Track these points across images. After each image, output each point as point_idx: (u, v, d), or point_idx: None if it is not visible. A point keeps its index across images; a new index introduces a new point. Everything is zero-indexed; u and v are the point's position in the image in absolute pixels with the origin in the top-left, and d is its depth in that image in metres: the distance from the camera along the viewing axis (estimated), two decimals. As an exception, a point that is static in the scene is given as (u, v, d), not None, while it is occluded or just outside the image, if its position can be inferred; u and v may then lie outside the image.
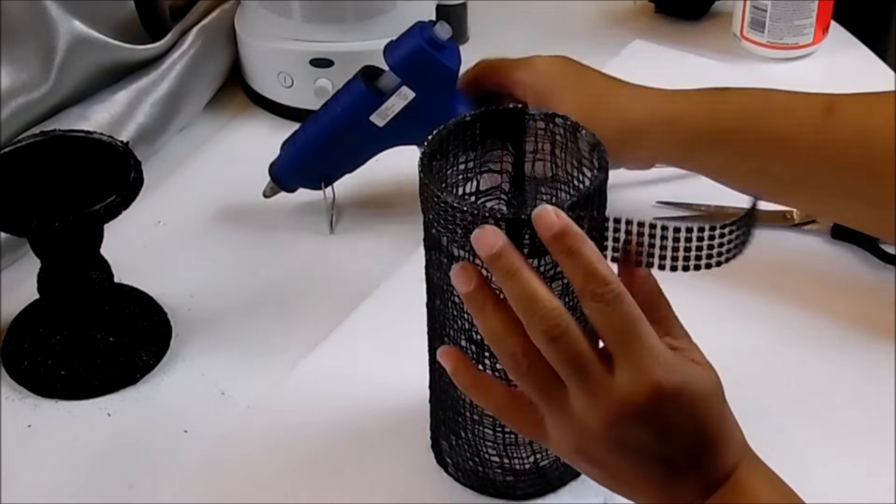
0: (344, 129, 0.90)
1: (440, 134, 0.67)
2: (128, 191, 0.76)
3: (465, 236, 0.61)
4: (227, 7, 1.08)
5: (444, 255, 0.65)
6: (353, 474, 0.74)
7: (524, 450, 0.70)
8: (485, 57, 0.92)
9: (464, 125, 0.68)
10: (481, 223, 0.60)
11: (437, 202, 0.62)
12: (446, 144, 0.67)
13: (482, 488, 0.73)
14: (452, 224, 0.61)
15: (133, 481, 0.74)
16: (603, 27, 1.06)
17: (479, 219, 0.60)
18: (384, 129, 0.89)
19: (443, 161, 0.67)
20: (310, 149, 0.91)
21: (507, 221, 0.60)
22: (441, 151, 0.67)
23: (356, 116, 0.89)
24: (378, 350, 0.83)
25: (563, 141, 0.68)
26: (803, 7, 1.10)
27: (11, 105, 0.92)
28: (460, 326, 0.66)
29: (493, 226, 0.59)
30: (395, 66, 0.88)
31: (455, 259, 0.64)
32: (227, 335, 0.85)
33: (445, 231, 0.62)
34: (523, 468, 0.71)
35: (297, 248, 0.92)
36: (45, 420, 0.78)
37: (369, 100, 0.89)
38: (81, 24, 0.96)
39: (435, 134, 0.66)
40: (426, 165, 0.64)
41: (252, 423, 0.78)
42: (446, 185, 0.69)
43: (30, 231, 0.76)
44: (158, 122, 1.00)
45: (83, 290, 0.80)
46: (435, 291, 0.68)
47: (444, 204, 0.61)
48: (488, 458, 0.71)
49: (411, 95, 0.88)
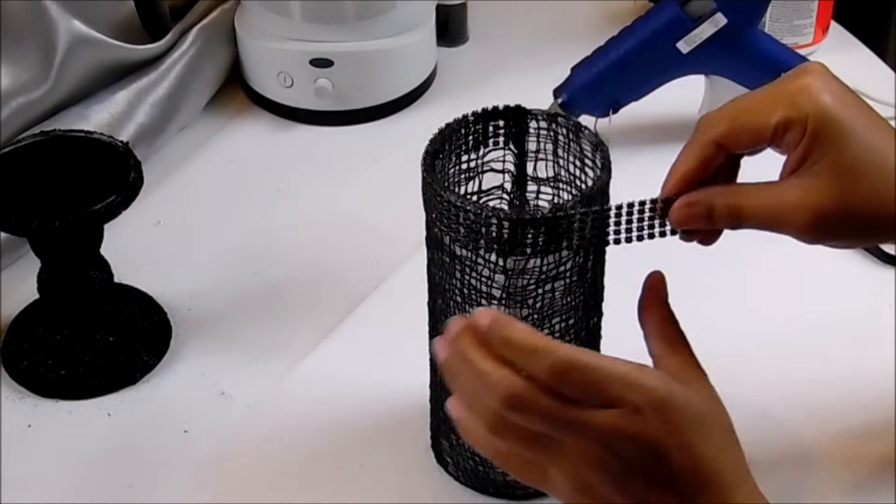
0: (646, 53, 0.91)
1: (442, 132, 0.67)
2: (128, 191, 0.76)
3: (468, 235, 0.61)
4: (227, 7, 1.08)
5: (447, 255, 0.65)
6: (353, 474, 0.74)
7: None
8: (485, 58, 0.91)
9: (466, 124, 0.68)
10: (484, 222, 0.60)
11: (440, 201, 0.62)
12: (448, 143, 0.67)
13: (482, 488, 0.73)
14: (455, 223, 0.61)
15: (133, 481, 0.74)
16: (603, 27, 1.06)
17: (481, 218, 0.60)
18: (686, 57, 0.91)
19: (445, 160, 0.67)
20: (609, 71, 0.93)
21: (510, 221, 0.60)
22: (443, 150, 0.67)
23: (664, 41, 0.91)
24: (378, 350, 0.83)
25: (566, 141, 0.68)
26: (803, 7, 1.09)
27: (11, 105, 0.92)
28: None
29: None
30: None
31: (457, 258, 0.64)
32: (227, 335, 0.85)
33: (448, 230, 0.62)
34: None
35: (297, 248, 0.92)
36: (45, 420, 0.78)
37: (682, 24, 0.90)
38: (81, 23, 0.96)
39: (437, 133, 0.66)
40: (429, 164, 0.64)
41: (252, 423, 0.78)
42: (448, 183, 0.69)
43: (30, 231, 0.76)
44: (158, 122, 1.00)
45: (83, 290, 0.80)
46: (436, 291, 0.68)
47: (447, 203, 0.61)
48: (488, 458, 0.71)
49: (723, 22, 0.89)
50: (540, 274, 0.63)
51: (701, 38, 0.90)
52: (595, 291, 0.67)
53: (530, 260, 0.62)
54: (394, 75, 1.05)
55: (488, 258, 0.63)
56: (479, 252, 0.63)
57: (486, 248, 0.62)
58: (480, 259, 0.63)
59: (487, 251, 0.62)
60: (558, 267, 0.63)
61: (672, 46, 0.91)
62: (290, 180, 0.99)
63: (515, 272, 0.63)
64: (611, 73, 0.93)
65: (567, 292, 0.64)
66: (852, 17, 1.17)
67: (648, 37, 0.92)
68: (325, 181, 0.99)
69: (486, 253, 0.62)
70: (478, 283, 0.64)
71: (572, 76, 0.96)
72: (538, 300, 0.64)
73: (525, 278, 0.63)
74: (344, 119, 1.05)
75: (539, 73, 1.02)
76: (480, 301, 0.65)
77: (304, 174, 1.00)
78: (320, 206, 0.96)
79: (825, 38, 1.12)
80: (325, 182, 0.99)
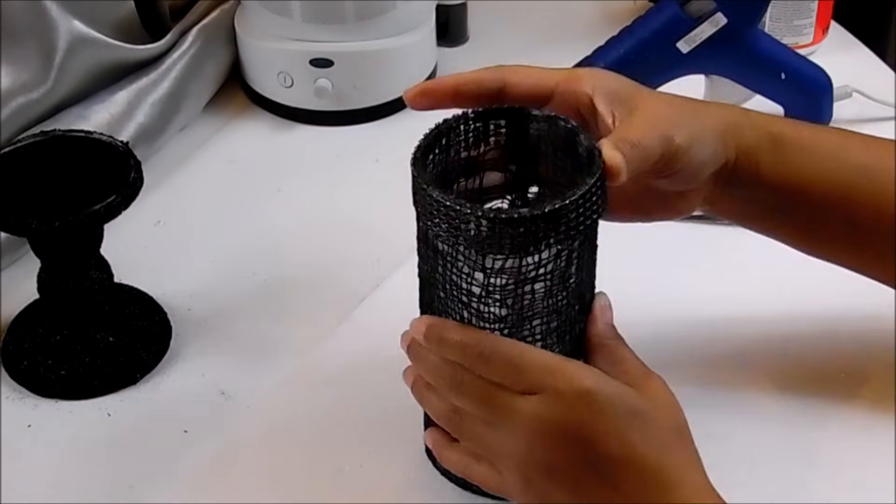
0: (646, 52, 0.91)
1: (438, 128, 0.67)
2: (128, 191, 0.76)
3: (448, 231, 0.61)
4: (227, 7, 1.08)
5: (431, 249, 0.65)
6: (353, 474, 0.74)
7: None
8: (485, 58, 0.91)
9: (466, 120, 0.67)
10: (462, 218, 0.60)
11: (424, 195, 0.62)
12: (446, 139, 0.67)
13: (477, 488, 0.73)
14: (437, 218, 0.62)
15: (133, 481, 0.74)
16: (603, 27, 1.06)
17: (460, 214, 0.61)
18: (685, 57, 0.91)
19: (443, 155, 0.67)
20: (609, 69, 0.93)
21: (488, 219, 0.60)
22: (439, 145, 0.67)
23: (664, 41, 0.91)
24: (378, 349, 0.82)
25: (565, 144, 0.68)
26: (803, 7, 1.09)
27: (11, 105, 0.92)
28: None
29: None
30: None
31: (439, 253, 0.64)
32: (227, 335, 0.85)
33: (431, 225, 0.63)
34: None
35: (297, 248, 0.92)
36: (45, 420, 0.78)
37: (681, 24, 0.90)
38: (81, 23, 0.96)
39: (432, 129, 0.66)
40: (418, 158, 0.65)
41: (251, 422, 0.78)
42: (446, 180, 0.69)
43: (30, 231, 0.76)
44: (158, 122, 1.00)
45: (83, 290, 0.80)
46: (424, 285, 0.68)
47: (429, 198, 0.62)
48: None
49: (723, 22, 0.89)
50: (519, 274, 0.63)
51: (701, 37, 0.91)
52: (581, 296, 0.67)
53: (509, 259, 0.62)
54: (394, 75, 1.05)
55: (468, 255, 0.63)
56: (458, 248, 0.63)
57: (466, 244, 0.62)
58: (461, 256, 0.63)
59: (467, 248, 0.62)
60: (538, 269, 0.63)
61: (672, 46, 0.91)
62: (290, 180, 0.99)
63: (494, 271, 0.63)
64: (613, 69, 0.93)
65: (548, 295, 0.64)
66: (852, 17, 1.17)
67: (648, 37, 0.92)
68: (325, 181, 0.99)
69: (466, 250, 0.63)
70: (458, 280, 0.64)
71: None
72: (517, 300, 0.64)
73: (504, 277, 0.63)
74: (344, 119, 1.05)
75: (539, 73, 1.02)
76: (461, 297, 0.65)
77: (304, 174, 1.00)
78: (320, 206, 0.96)
79: (825, 38, 1.12)
80: (325, 182, 0.99)
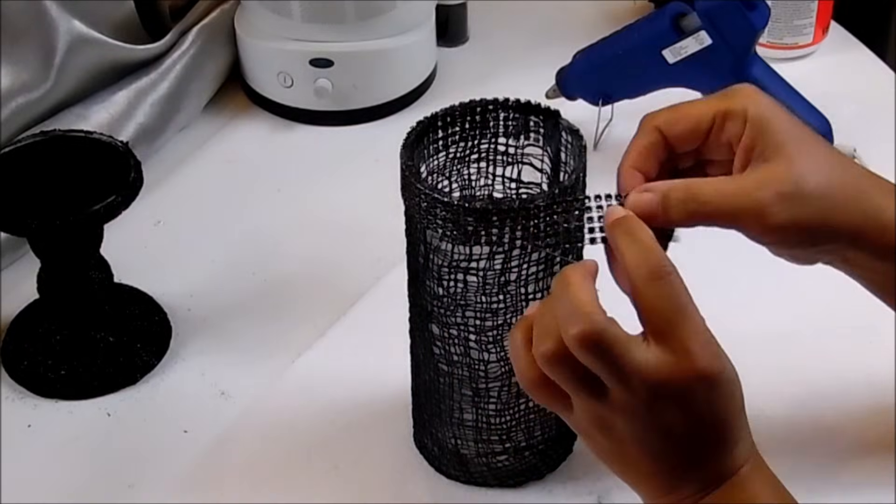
0: (634, 54, 0.95)
1: (435, 115, 0.67)
2: (128, 191, 0.77)
3: (406, 198, 0.64)
4: (227, 7, 1.08)
5: (407, 220, 0.67)
6: (348, 472, 0.74)
7: (496, 444, 0.71)
8: (485, 58, 0.92)
9: (506, 106, 0.68)
10: (442, 208, 0.61)
11: (411, 184, 0.63)
12: (472, 122, 0.68)
13: (468, 478, 0.73)
14: (405, 190, 0.64)
15: (133, 481, 0.74)
16: (603, 27, 1.06)
17: (412, 186, 0.63)
18: (672, 67, 0.93)
19: (473, 131, 0.68)
20: (597, 64, 0.97)
21: (426, 196, 0.62)
22: (433, 129, 0.68)
23: (649, 46, 0.94)
24: (375, 348, 0.82)
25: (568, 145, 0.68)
26: (803, 7, 1.09)
27: (11, 105, 0.92)
28: (429, 312, 0.68)
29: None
30: (702, 10, 0.92)
31: (425, 244, 0.65)
32: (227, 335, 0.85)
33: (416, 212, 0.64)
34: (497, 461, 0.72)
35: (296, 248, 0.92)
36: (45, 420, 0.78)
37: (667, 34, 0.93)
38: (81, 23, 0.96)
39: (429, 116, 0.67)
40: (408, 145, 0.65)
41: (249, 422, 0.78)
42: (468, 160, 0.70)
43: (30, 231, 0.76)
44: (158, 122, 1.00)
45: (83, 290, 0.80)
46: (412, 277, 0.69)
47: (403, 168, 0.64)
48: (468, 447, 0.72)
49: (707, 42, 0.92)
50: (451, 260, 0.65)
51: (686, 51, 0.93)
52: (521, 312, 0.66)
53: (443, 242, 0.64)
54: (394, 75, 1.05)
55: (418, 227, 0.65)
56: (413, 218, 0.65)
57: (418, 216, 0.64)
58: (416, 226, 0.65)
59: (419, 221, 0.64)
60: (469, 261, 0.64)
61: (658, 53, 0.94)
62: (290, 180, 0.99)
63: (431, 248, 0.65)
64: (602, 66, 0.97)
65: (482, 291, 0.65)
66: (852, 17, 1.17)
67: (636, 38, 0.95)
68: (325, 181, 0.99)
69: (417, 223, 0.64)
70: (415, 249, 0.67)
71: (573, 61, 0.99)
72: (450, 285, 0.66)
73: (440, 258, 0.65)
74: (344, 119, 1.05)
75: (539, 73, 1.02)
76: (415, 266, 0.67)
77: (304, 174, 1.00)
78: (320, 206, 0.96)
79: (825, 38, 1.12)
80: (325, 182, 0.99)
